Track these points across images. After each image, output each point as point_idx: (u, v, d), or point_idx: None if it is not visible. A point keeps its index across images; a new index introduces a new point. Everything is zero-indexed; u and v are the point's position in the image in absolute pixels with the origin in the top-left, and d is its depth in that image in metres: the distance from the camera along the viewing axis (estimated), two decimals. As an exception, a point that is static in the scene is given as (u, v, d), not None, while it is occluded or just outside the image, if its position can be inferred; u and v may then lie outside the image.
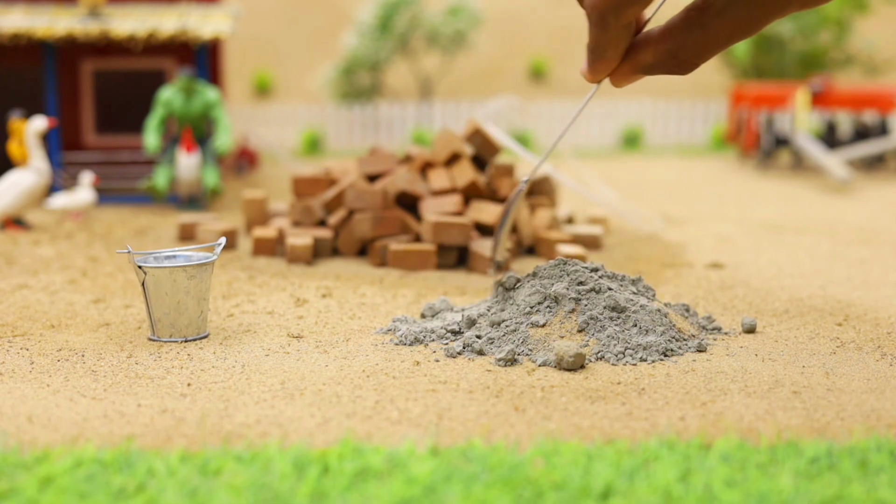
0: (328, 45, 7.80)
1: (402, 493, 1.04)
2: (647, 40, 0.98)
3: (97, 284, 2.19)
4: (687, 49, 0.95)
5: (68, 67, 4.38)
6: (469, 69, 7.72)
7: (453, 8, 6.92)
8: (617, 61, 1.00)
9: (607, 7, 0.93)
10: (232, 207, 3.60)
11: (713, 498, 1.03)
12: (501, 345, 1.60)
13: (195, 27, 3.73)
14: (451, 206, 2.49)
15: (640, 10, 0.93)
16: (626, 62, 1.00)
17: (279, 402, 1.36)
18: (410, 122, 6.78)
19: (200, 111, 3.59)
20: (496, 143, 2.72)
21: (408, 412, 1.32)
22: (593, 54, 0.99)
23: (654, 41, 0.97)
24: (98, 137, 4.47)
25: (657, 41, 0.97)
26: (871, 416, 1.31)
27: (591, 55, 0.99)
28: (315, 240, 2.49)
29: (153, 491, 1.04)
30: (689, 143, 6.97)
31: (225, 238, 1.79)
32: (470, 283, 2.21)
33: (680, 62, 0.97)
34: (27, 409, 1.33)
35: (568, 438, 1.22)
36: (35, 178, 3.03)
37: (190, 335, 1.69)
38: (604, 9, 0.93)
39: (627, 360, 1.55)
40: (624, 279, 1.74)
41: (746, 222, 3.26)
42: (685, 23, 0.95)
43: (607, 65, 1.00)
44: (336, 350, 1.64)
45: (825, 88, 5.30)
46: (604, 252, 2.65)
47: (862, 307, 1.97)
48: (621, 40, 0.97)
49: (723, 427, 1.26)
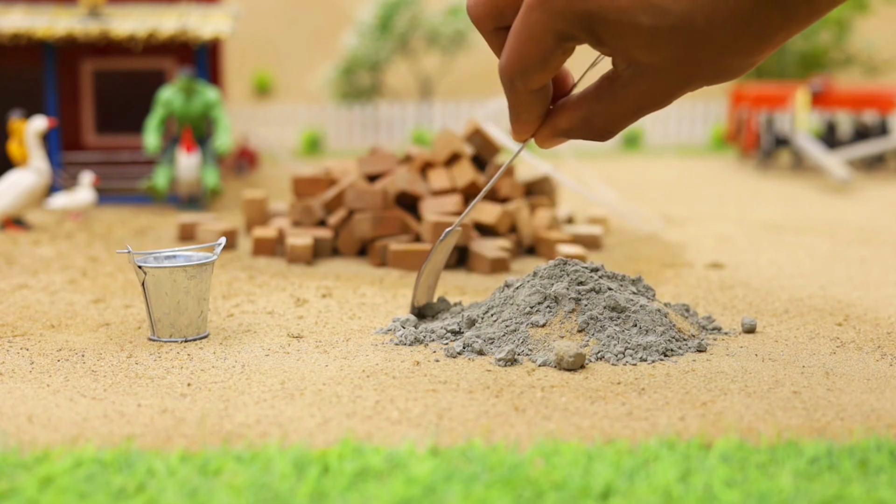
0: (328, 45, 7.80)
1: (402, 493, 1.04)
2: (564, 105, 1.01)
3: (97, 284, 2.19)
4: (599, 117, 0.98)
5: (68, 67, 4.38)
6: (469, 69, 7.73)
7: (453, 8, 6.92)
8: (535, 124, 1.03)
9: (513, 73, 0.95)
10: (232, 207, 3.60)
11: (713, 498, 1.03)
12: (501, 345, 1.60)
13: (195, 27, 3.73)
14: (451, 206, 2.49)
15: (546, 78, 0.96)
16: (545, 125, 1.03)
17: (279, 402, 1.36)
18: (410, 122, 6.78)
19: (200, 111, 3.59)
20: (496, 143, 2.72)
21: (408, 412, 1.32)
22: (512, 115, 1.03)
23: (569, 107, 1.01)
24: (98, 137, 4.47)
25: (572, 107, 1.00)
26: (871, 416, 1.31)
27: (511, 116, 1.03)
28: (315, 240, 2.49)
29: (153, 491, 1.04)
30: (689, 143, 6.97)
31: (225, 238, 1.79)
32: (470, 282, 2.21)
33: (594, 129, 1.00)
34: (27, 409, 1.33)
35: (568, 438, 1.22)
36: (35, 178, 3.03)
37: (190, 335, 1.69)
38: (511, 74, 0.96)
39: (627, 360, 1.55)
40: (624, 279, 1.74)
41: (746, 222, 3.26)
42: (597, 92, 0.97)
43: (526, 127, 1.03)
44: (336, 350, 1.64)
45: (825, 88, 5.30)
46: (604, 252, 2.65)
47: (862, 307, 1.97)
48: (533, 105, 1.00)
49: (723, 427, 1.26)
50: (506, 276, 2.29)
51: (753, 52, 0.87)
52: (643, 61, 0.90)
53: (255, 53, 7.75)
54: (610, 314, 1.62)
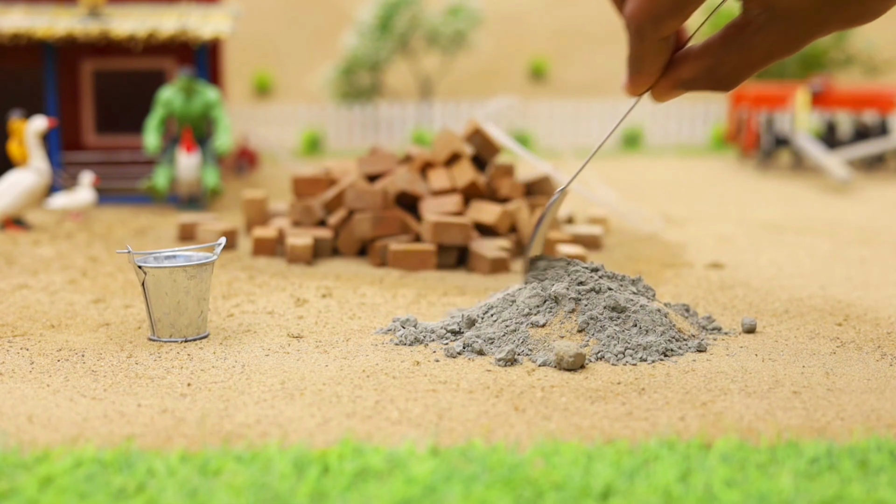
0: (328, 45, 7.80)
1: (402, 493, 1.04)
2: (686, 56, 0.98)
3: (97, 284, 2.19)
4: (726, 66, 0.96)
5: (68, 67, 4.38)
6: (469, 69, 7.72)
7: (453, 8, 6.92)
8: (656, 76, 1.00)
9: (645, 19, 0.92)
10: (232, 207, 3.60)
11: (713, 498, 1.03)
12: (501, 345, 1.60)
13: (195, 27, 3.73)
14: (451, 206, 2.49)
15: (678, 24, 0.93)
16: (665, 77, 1.00)
17: (279, 402, 1.36)
18: (410, 122, 6.78)
19: (200, 111, 3.59)
20: (496, 143, 2.72)
21: (408, 412, 1.32)
22: (632, 67, 0.99)
23: (693, 57, 0.98)
24: (98, 137, 4.47)
25: (696, 57, 0.97)
26: (871, 416, 1.31)
27: (631, 68, 0.99)
28: (315, 240, 2.49)
29: (153, 491, 1.04)
30: (689, 143, 6.97)
31: (225, 238, 1.79)
32: (470, 282, 2.21)
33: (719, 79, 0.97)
34: (27, 409, 1.33)
35: (568, 438, 1.22)
36: (35, 178, 3.03)
37: (190, 335, 1.69)
38: (641, 21, 0.93)
39: (627, 360, 1.55)
40: (624, 279, 1.74)
41: (746, 222, 3.26)
42: (724, 40, 0.95)
43: (646, 78, 1.00)
44: (336, 350, 1.64)
45: (825, 88, 5.30)
46: (604, 252, 2.65)
47: (862, 307, 1.97)
48: (659, 54, 0.97)
49: (723, 427, 1.26)
50: (506, 276, 2.29)
51: None
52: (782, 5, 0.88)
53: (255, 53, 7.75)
54: (610, 314, 1.62)
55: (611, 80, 7.82)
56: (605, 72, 7.90)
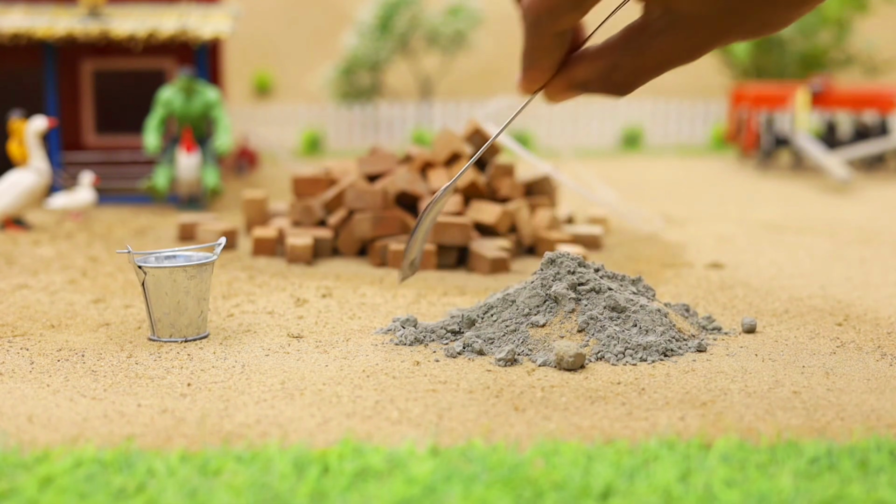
0: (328, 45, 7.80)
1: (402, 493, 1.04)
2: (582, 56, 0.95)
3: (97, 284, 2.19)
4: (622, 69, 0.93)
5: (68, 67, 4.38)
6: (469, 69, 7.72)
7: (453, 8, 6.92)
8: (550, 72, 0.97)
9: (542, 10, 0.90)
10: (232, 207, 3.60)
11: (713, 498, 1.03)
12: (501, 345, 1.60)
13: (195, 27, 3.73)
14: (451, 205, 2.49)
15: (576, 18, 0.90)
16: (559, 76, 0.97)
17: (279, 402, 1.36)
18: (410, 122, 6.78)
19: (200, 111, 3.59)
20: (496, 143, 2.72)
21: (408, 412, 1.32)
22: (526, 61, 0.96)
23: (589, 57, 0.95)
24: (98, 137, 4.47)
25: (593, 58, 0.94)
26: (871, 416, 1.31)
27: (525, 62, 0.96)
28: (315, 240, 2.49)
29: (153, 491, 1.04)
30: (689, 143, 6.97)
31: (225, 238, 1.79)
32: (470, 282, 2.21)
33: (614, 82, 0.94)
34: (27, 409, 1.33)
35: (568, 438, 1.22)
36: (35, 178, 3.03)
37: (190, 335, 1.69)
38: (539, 12, 0.90)
39: (627, 360, 1.55)
40: (624, 279, 1.74)
41: (746, 222, 3.26)
42: (623, 42, 0.92)
43: (540, 74, 0.97)
44: (336, 350, 1.64)
45: (825, 88, 5.30)
46: (604, 252, 2.65)
47: (862, 307, 1.97)
48: (555, 49, 0.94)
49: (723, 427, 1.26)
50: (506, 276, 2.29)
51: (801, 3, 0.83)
52: (683, 9, 0.86)
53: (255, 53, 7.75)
54: (610, 314, 1.62)
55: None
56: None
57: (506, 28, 8.05)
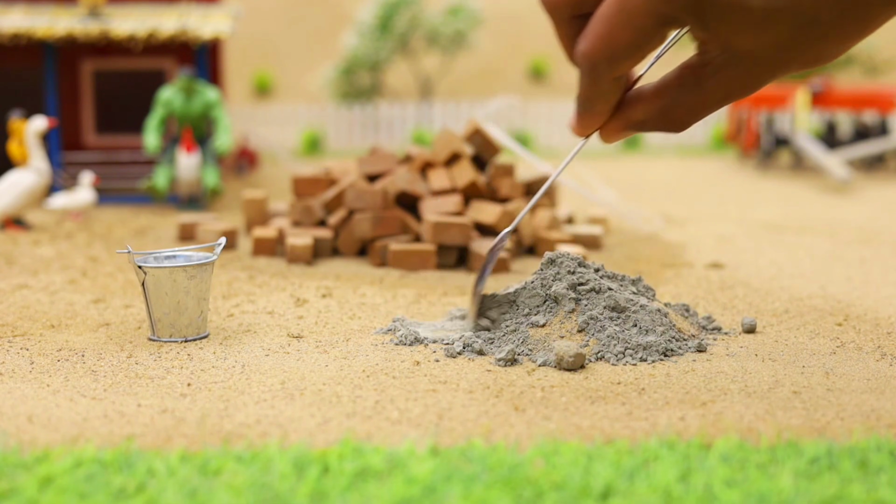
0: (328, 45, 7.80)
1: (402, 493, 1.04)
2: (638, 97, 0.96)
3: (97, 284, 2.19)
4: (680, 107, 0.94)
5: (68, 67, 4.38)
6: (469, 69, 7.72)
7: (453, 8, 6.92)
8: (606, 115, 0.97)
9: (600, 58, 0.90)
10: (232, 207, 3.60)
11: (713, 498, 1.03)
12: (501, 345, 1.60)
13: (195, 27, 3.73)
14: (451, 206, 2.49)
15: (634, 63, 0.91)
16: (615, 118, 0.98)
17: (279, 402, 1.36)
18: (410, 122, 6.78)
19: (200, 111, 3.59)
20: (496, 143, 2.72)
21: (408, 412, 1.32)
22: (582, 106, 0.97)
23: (645, 98, 0.95)
24: (98, 137, 4.47)
25: (649, 98, 0.95)
26: (871, 416, 1.31)
27: (580, 107, 0.97)
28: (315, 240, 2.49)
29: (153, 491, 1.04)
30: (689, 143, 6.97)
31: (225, 238, 1.79)
32: (470, 282, 2.21)
33: (671, 120, 0.95)
34: (27, 409, 1.33)
35: (568, 438, 1.22)
36: (35, 178, 3.03)
37: (190, 335, 1.69)
38: (596, 59, 0.90)
39: (627, 360, 1.55)
40: (624, 279, 1.74)
41: (746, 222, 3.26)
42: (679, 80, 0.93)
43: (597, 119, 0.98)
44: (336, 350, 1.64)
45: (825, 88, 5.30)
46: (604, 252, 2.65)
47: (862, 307, 1.97)
48: (612, 94, 0.95)
49: (723, 427, 1.26)
50: (506, 276, 2.30)
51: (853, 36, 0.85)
52: (742, 47, 0.86)
53: (255, 53, 7.75)
54: (610, 314, 1.62)
55: (611, 80, 7.81)
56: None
57: (506, 28, 8.05)
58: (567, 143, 6.74)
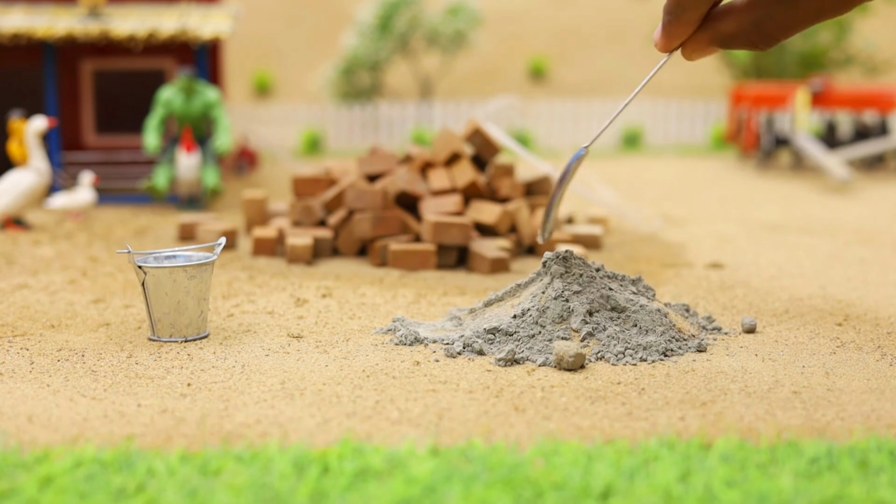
0: (328, 45, 7.80)
1: (402, 493, 1.04)
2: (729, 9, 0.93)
3: (97, 284, 2.19)
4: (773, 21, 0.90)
5: (68, 67, 4.38)
6: (469, 69, 7.72)
7: (453, 8, 6.91)
8: (693, 27, 0.93)
9: None
10: (232, 207, 3.60)
11: (713, 498, 1.03)
12: (501, 345, 1.60)
13: (195, 27, 3.73)
14: (451, 206, 2.49)
15: None
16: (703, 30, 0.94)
17: (279, 402, 1.36)
18: (410, 122, 6.78)
19: (200, 111, 3.59)
20: (496, 143, 2.72)
21: (408, 412, 1.32)
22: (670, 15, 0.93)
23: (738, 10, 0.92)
24: (98, 137, 4.47)
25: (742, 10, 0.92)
26: (871, 416, 1.31)
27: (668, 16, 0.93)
28: (315, 240, 2.49)
29: (153, 491, 1.04)
30: (689, 143, 6.97)
31: (225, 238, 1.79)
32: (470, 283, 2.21)
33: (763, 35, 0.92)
34: (27, 409, 1.33)
35: (568, 438, 1.22)
36: (35, 178, 3.03)
37: (190, 335, 1.69)
38: None
39: (627, 360, 1.55)
40: (624, 279, 1.74)
41: (746, 222, 3.26)
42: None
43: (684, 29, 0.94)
44: (336, 350, 1.64)
45: (825, 88, 5.30)
46: (604, 252, 2.65)
47: (862, 307, 1.97)
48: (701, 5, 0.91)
49: (723, 427, 1.26)
50: (506, 276, 2.29)
51: None
52: None
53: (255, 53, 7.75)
54: (610, 314, 1.62)
55: (611, 80, 7.82)
56: (604, 72, 7.90)
57: (506, 28, 8.05)
58: (567, 144, 6.74)
